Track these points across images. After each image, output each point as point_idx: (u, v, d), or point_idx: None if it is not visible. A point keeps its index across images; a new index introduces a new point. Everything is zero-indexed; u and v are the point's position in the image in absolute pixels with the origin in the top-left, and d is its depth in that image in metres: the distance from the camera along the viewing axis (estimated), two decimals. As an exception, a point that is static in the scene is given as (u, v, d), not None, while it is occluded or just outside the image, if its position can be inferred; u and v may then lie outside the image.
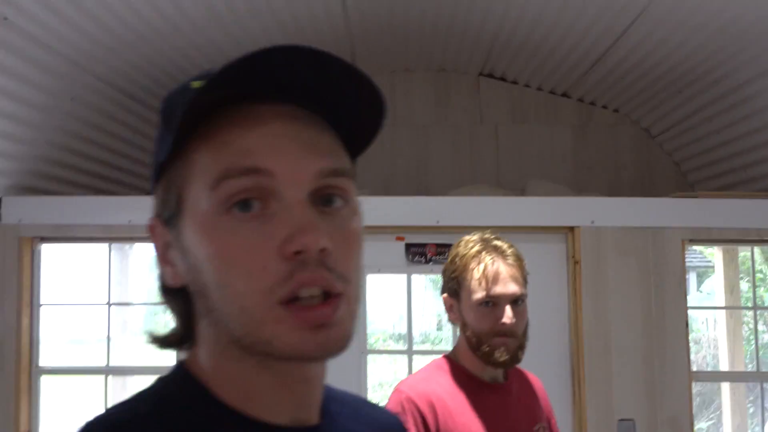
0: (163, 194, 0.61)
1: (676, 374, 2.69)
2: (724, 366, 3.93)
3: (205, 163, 0.56)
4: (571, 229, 2.76)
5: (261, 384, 0.59)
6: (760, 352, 6.91)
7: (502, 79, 3.77)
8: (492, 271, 1.56)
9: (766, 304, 6.22)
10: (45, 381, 2.86)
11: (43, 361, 2.85)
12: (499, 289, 1.54)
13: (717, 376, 3.84)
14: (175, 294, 0.62)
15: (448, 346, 2.70)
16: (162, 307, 0.66)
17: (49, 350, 3.02)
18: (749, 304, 4.60)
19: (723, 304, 3.80)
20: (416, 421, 1.50)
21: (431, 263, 2.81)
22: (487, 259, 1.58)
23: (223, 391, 0.60)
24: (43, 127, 2.69)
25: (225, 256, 0.55)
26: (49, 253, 2.89)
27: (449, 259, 1.67)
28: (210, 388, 0.60)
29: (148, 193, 2.98)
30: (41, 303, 2.84)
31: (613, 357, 2.70)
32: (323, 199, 0.57)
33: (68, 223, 2.78)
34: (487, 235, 1.66)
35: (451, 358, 1.66)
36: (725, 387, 4.01)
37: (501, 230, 2.72)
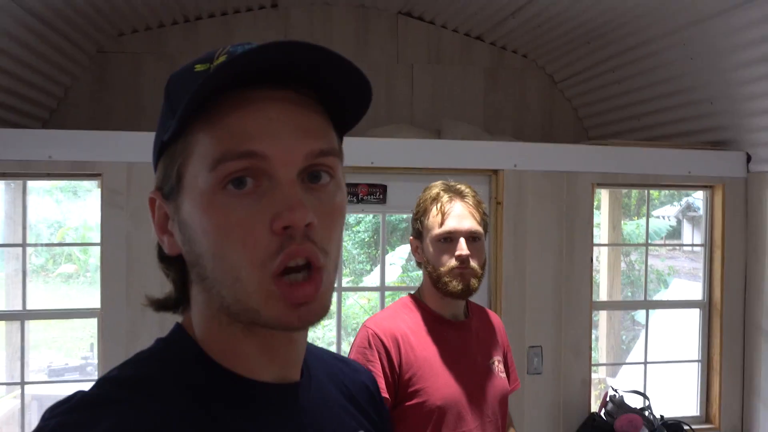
0: (165, 170, 0.64)
1: (580, 304, 2.99)
2: (603, 296, 4.39)
3: (205, 145, 0.60)
4: (495, 171, 2.92)
5: (248, 347, 0.65)
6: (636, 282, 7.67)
7: (420, 18, 3.80)
8: (449, 208, 1.67)
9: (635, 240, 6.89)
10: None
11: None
12: (453, 223, 1.65)
13: (614, 305, 4.27)
14: (171, 262, 0.67)
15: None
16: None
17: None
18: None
19: (606, 241, 4.22)
20: (380, 354, 1.62)
21: (362, 203, 2.87)
22: (444, 198, 1.69)
23: (214, 352, 0.65)
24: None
25: (220, 230, 0.59)
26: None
27: (415, 204, 1.76)
28: (203, 348, 0.66)
29: (44, 125, 2.73)
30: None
31: (527, 290, 2.94)
32: (311, 175, 0.62)
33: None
34: (450, 182, 1.76)
35: (416, 297, 1.77)
36: (603, 314, 4.50)
37: (429, 171, 2.81)
